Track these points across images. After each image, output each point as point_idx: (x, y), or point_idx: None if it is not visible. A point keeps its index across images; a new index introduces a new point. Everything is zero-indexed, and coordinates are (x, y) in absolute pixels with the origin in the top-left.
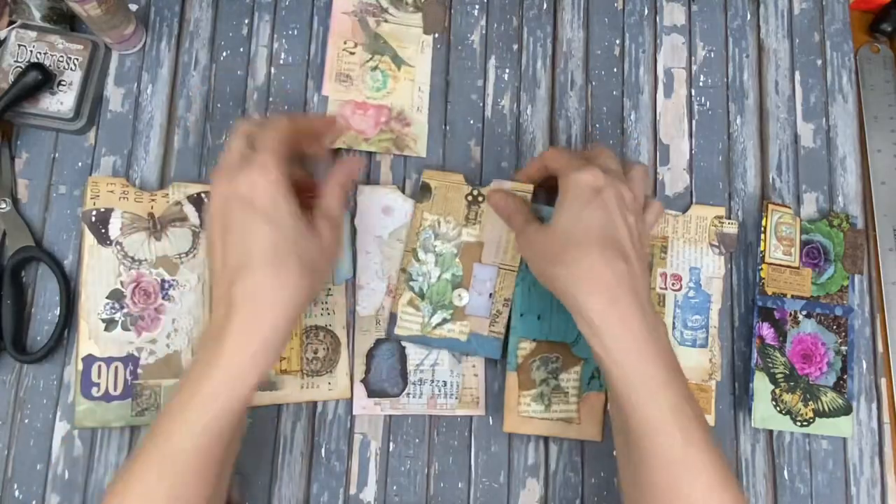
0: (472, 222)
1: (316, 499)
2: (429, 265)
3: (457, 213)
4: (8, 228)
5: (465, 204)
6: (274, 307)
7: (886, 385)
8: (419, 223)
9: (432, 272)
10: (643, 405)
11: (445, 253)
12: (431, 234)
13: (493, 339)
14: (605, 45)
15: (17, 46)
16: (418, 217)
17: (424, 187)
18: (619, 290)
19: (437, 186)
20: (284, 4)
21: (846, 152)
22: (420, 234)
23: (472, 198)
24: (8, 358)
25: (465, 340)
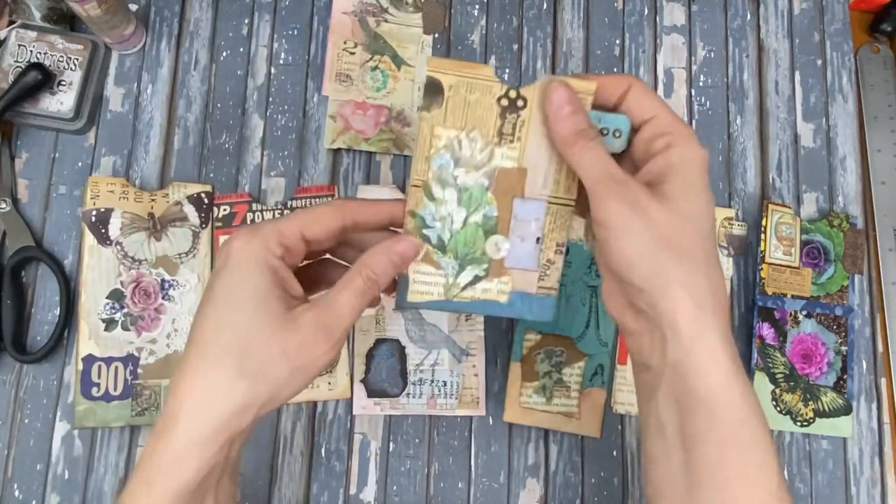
0: (509, 139)
1: (316, 499)
2: (449, 205)
3: (485, 125)
4: (8, 228)
5: (496, 111)
6: (190, 416)
7: (886, 385)
8: (428, 143)
9: (455, 214)
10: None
11: (472, 186)
12: (450, 160)
13: (544, 297)
14: (605, 45)
15: (17, 46)
16: (426, 134)
17: (432, 86)
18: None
19: (453, 85)
20: (284, 4)
21: (846, 152)
22: (432, 159)
23: (508, 101)
24: (8, 358)
25: (507, 302)
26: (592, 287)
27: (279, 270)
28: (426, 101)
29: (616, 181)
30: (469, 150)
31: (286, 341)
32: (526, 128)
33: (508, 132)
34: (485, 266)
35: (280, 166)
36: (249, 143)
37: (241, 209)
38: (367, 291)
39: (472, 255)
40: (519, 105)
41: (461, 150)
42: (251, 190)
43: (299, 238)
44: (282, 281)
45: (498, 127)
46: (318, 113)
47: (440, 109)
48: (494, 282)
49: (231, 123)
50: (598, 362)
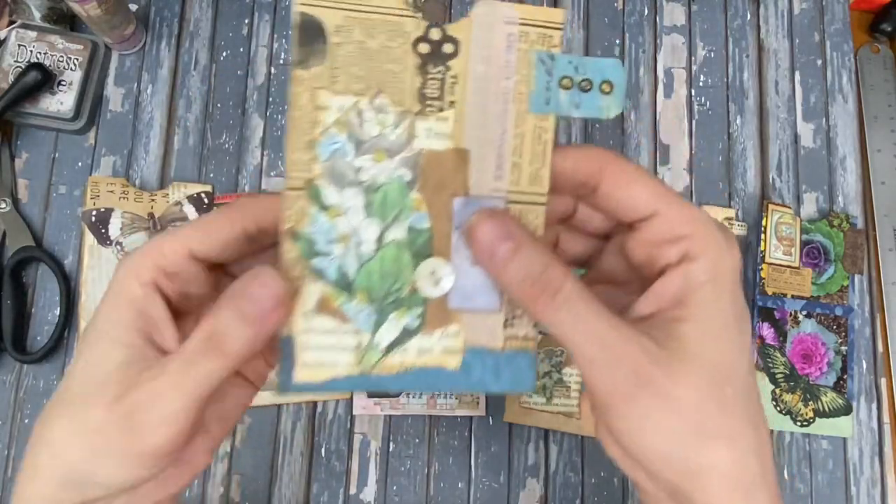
0: (437, 105)
1: (316, 499)
2: (353, 216)
3: (398, 85)
4: (8, 228)
5: (413, 63)
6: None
7: (886, 385)
8: (310, 119)
9: (363, 230)
10: None
11: (386, 183)
12: (346, 144)
13: (516, 354)
14: (605, 45)
15: (17, 46)
16: (305, 105)
17: (308, 28)
18: (770, 474)
19: (342, 25)
20: (284, 4)
21: (846, 152)
22: (318, 144)
23: (431, 46)
24: (8, 358)
25: (459, 368)
26: None
27: (145, 307)
28: (300, 53)
29: (615, 352)
30: (376, 125)
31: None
32: (461, 88)
33: (434, 94)
34: (418, 311)
35: (280, 166)
36: (249, 143)
37: None
38: (203, 365)
39: (397, 296)
40: (447, 51)
41: (363, 127)
42: (251, 190)
43: (186, 257)
44: (145, 321)
45: (418, 87)
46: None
47: (324, 65)
48: (436, 335)
49: (231, 123)
50: None
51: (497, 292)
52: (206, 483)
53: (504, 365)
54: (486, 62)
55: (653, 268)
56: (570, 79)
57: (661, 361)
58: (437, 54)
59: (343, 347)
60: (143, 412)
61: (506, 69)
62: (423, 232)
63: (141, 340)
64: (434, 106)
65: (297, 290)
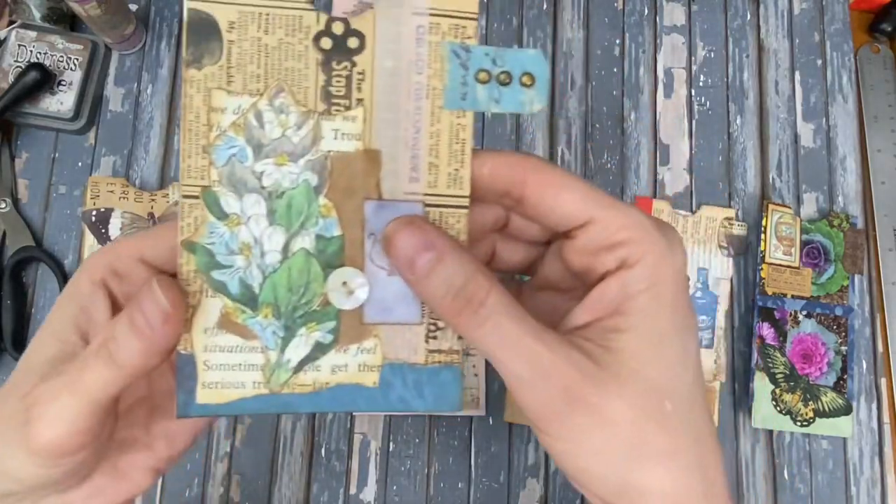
0: (343, 103)
1: (316, 499)
2: (255, 224)
3: (300, 83)
4: (8, 228)
5: (315, 60)
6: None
7: (886, 385)
8: (205, 122)
9: (266, 239)
10: None
11: (291, 188)
12: (245, 147)
13: (440, 370)
14: (605, 45)
15: (17, 46)
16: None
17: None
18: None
19: (236, 21)
20: None
21: (846, 152)
22: (214, 149)
23: (333, 41)
24: (8, 358)
25: (377, 386)
26: None
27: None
28: (192, 52)
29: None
30: (277, 127)
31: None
32: (368, 84)
33: (340, 93)
34: (330, 325)
35: None
36: None
37: None
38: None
39: (307, 309)
40: (351, 46)
41: (264, 130)
42: None
43: (136, 261)
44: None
45: (322, 85)
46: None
47: (218, 65)
48: (351, 351)
49: None
50: None
51: (417, 303)
52: (206, 483)
53: (427, 381)
54: (394, 57)
55: (592, 276)
56: (488, 72)
57: (594, 377)
58: (342, 49)
59: (249, 366)
60: (39, 407)
61: (417, 64)
62: (333, 240)
63: (75, 337)
64: (340, 105)
65: (197, 304)
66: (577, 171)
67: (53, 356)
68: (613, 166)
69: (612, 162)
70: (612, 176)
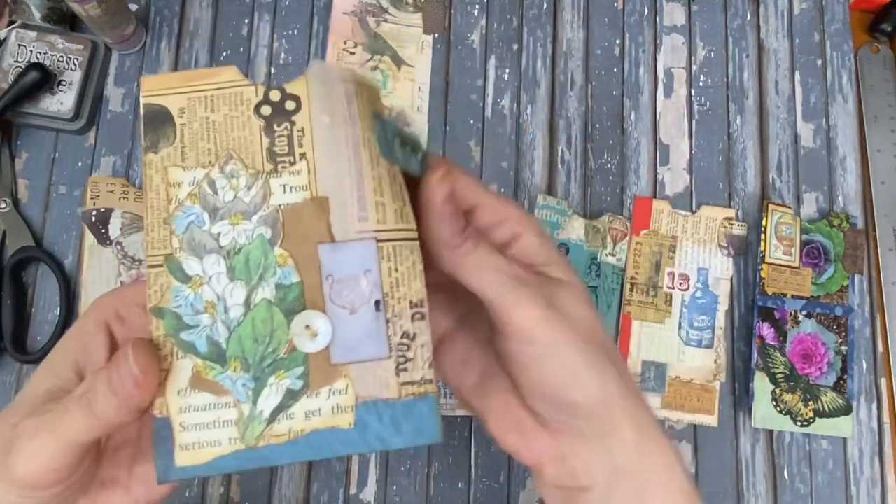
0: (288, 160)
1: (316, 499)
2: (217, 283)
3: (247, 148)
4: (8, 228)
5: (259, 126)
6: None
7: (886, 385)
8: (164, 197)
9: (229, 295)
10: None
11: (247, 244)
12: (201, 213)
13: (414, 402)
14: (605, 45)
15: (17, 46)
16: (158, 184)
17: (154, 116)
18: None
19: (186, 107)
20: (284, 4)
21: (846, 152)
22: (173, 219)
23: (272, 107)
24: (8, 358)
25: (354, 427)
26: (593, 287)
27: (89, 342)
28: (149, 139)
29: (522, 281)
30: (230, 191)
31: None
32: (309, 137)
33: (283, 151)
34: (299, 371)
35: None
36: None
37: None
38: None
39: (274, 357)
40: (289, 108)
41: (217, 195)
42: None
43: (138, 307)
44: (84, 357)
45: (267, 147)
46: None
47: (173, 146)
48: (323, 394)
49: None
50: None
51: (384, 338)
52: (206, 483)
53: (403, 416)
54: (330, 112)
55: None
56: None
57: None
58: (281, 112)
59: (224, 422)
60: (21, 441)
61: (351, 119)
62: (292, 287)
63: (71, 373)
64: (285, 161)
65: (169, 367)
66: (577, 171)
67: (48, 390)
68: (613, 166)
69: (612, 162)
70: (612, 176)
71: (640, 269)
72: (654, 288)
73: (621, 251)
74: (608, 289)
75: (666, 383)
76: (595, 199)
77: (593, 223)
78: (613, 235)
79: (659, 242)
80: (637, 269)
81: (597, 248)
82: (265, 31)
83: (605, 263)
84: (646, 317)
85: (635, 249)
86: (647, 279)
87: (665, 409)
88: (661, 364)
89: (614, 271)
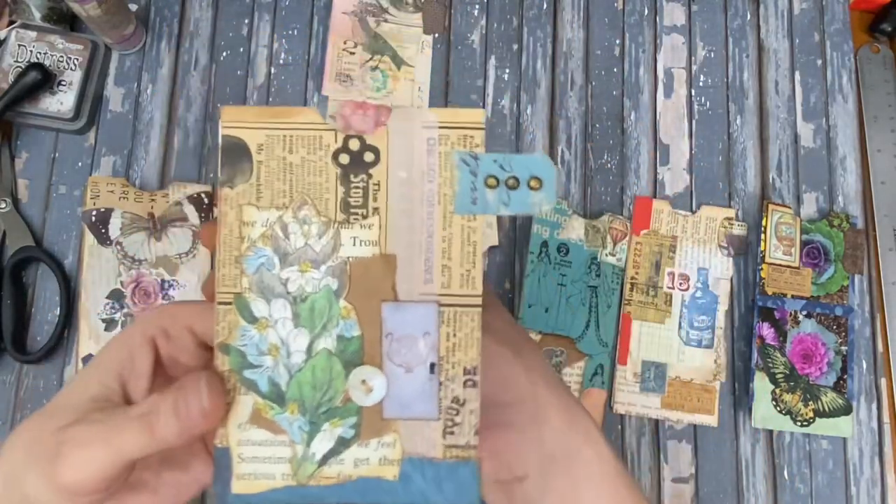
0: (360, 213)
1: None
2: (281, 327)
3: (321, 196)
4: (8, 228)
5: (335, 174)
6: None
7: (886, 385)
8: (237, 235)
9: (292, 341)
10: None
11: (314, 293)
12: (272, 257)
13: (457, 465)
14: (605, 45)
15: (17, 46)
16: (231, 221)
17: (233, 149)
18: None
19: (264, 144)
20: (284, 4)
21: (846, 152)
22: (244, 259)
23: (350, 156)
24: (8, 358)
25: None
26: (592, 287)
27: (135, 356)
28: (226, 173)
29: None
30: (301, 237)
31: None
32: (384, 194)
33: (357, 203)
34: (352, 421)
35: None
36: None
37: None
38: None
39: (330, 405)
40: (367, 160)
41: (289, 240)
42: None
43: (186, 329)
44: (129, 369)
45: (341, 197)
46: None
47: (249, 183)
48: (372, 445)
49: None
50: (599, 362)
51: (435, 401)
52: None
53: (445, 477)
54: (407, 167)
55: None
56: (496, 177)
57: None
58: (358, 163)
59: (278, 459)
60: (70, 447)
61: (428, 173)
62: (353, 340)
63: (116, 385)
64: (358, 213)
65: (231, 401)
66: (577, 171)
67: (92, 397)
68: (613, 166)
69: (612, 162)
70: (612, 176)
71: (640, 268)
72: (654, 288)
73: (621, 251)
74: (608, 289)
75: (666, 383)
76: (595, 199)
77: (593, 223)
78: (613, 235)
79: (659, 242)
80: (637, 269)
81: (597, 247)
82: (265, 31)
83: (605, 263)
84: (646, 317)
85: (635, 249)
86: (647, 279)
87: (665, 409)
88: (661, 364)
89: (614, 271)
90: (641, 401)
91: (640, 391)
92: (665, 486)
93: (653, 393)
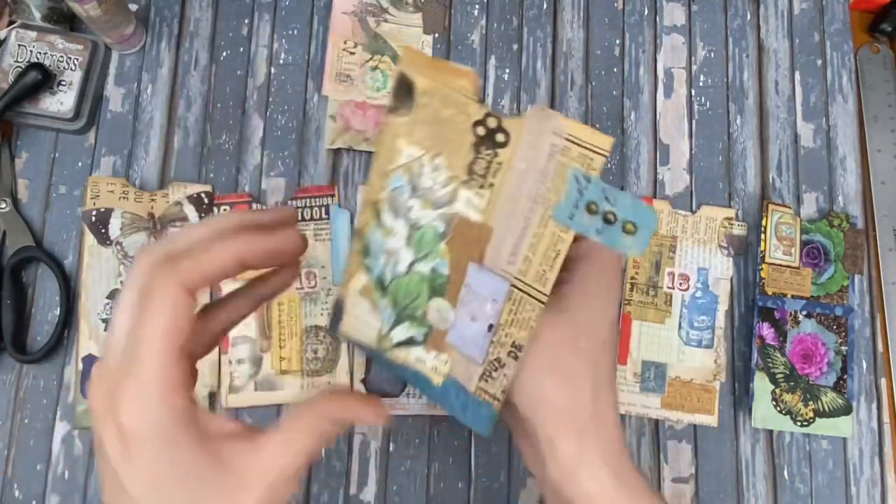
0: (479, 181)
1: (316, 499)
2: (397, 239)
3: (455, 152)
4: (8, 228)
5: (470, 140)
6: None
7: (886, 385)
8: (388, 156)
9: (401, 254)
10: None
11: (425, 227)
12: (406, 185)
13: (482, 404)
14: (605, 45)
15: (17, 46)
16: (388, 143)
17: (404, 85)
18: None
19: (428, 91)
20: (284, 4)
21: (846, 152)
22: (389, 177)
23: (486, 131)
24: (8, 358)
25: (440, 387)
26: None
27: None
28: (394, 102)
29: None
30: (430, 179)
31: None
32: (502, 175)
33: (480, 172)
34: (424, 330)
35: (280, 166)
36: (249, 143)
37: (241, 209)
38: (311, 451)
39: (412, 313)
40: (498, 140)
41: (421, 178)
42: (251, 190)
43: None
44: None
45: (469, 161)
46: (318, 113)
47: (408, 118)
48: (432, 355)
49: (231, 123)
50: None
51: (485, 351)
52: None
53: (471, 406)
54: (528, 161)
55: None
56: (597, 205)
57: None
58: (491, 140)
59: (369, 325)
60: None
61: (542, 174)
62: (441, 276)
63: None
64: (477, 181)
65: (353, 272)
66: None
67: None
68: (613, 166)
69: (612, 162)
70: (612, 176)
71: (640, 268)
72: (654, 288)
73: None
74: None
75: (666, 383)
76: None
77: None
78: None
79: (659, 242)
80: (637, 269)
81: None
82: (265, 31)
83: None
84: (646, 317)
85: None
86: (647, 279)
87: (665, 409)
88: (661, 364)
89: None
90: (641, 401)
91: (640, 391)
92: (665, 486)
93: (653, 393)
